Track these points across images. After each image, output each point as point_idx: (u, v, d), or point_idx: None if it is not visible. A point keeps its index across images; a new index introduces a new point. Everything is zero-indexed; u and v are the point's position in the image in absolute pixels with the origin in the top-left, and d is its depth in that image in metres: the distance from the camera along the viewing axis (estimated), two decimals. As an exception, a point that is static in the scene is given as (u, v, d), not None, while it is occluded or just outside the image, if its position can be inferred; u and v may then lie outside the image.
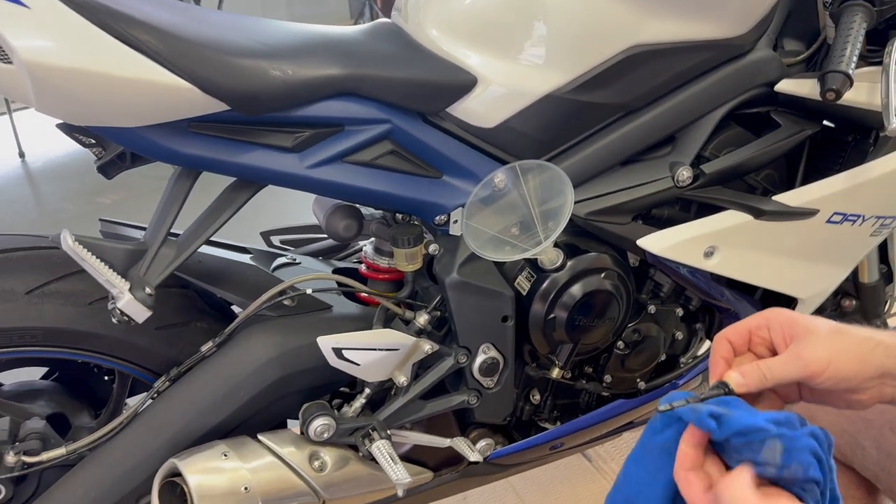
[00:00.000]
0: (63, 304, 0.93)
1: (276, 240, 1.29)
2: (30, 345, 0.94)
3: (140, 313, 0.85)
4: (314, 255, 1.28)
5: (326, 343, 0.95)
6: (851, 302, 1.46)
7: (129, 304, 0.84)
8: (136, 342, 0.98)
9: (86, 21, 0.75)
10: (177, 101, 0.80)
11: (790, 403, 0.72)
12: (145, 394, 1.03)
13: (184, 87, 0.79)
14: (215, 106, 0.83)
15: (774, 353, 0.70)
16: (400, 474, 0.97)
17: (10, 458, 0.93)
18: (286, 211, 1.90)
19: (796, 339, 0.68)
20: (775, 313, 0.71)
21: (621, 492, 0.69)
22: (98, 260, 0.85)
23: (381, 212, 1.12)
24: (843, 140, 1.16)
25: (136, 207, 3.01)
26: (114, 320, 0.87)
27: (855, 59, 0.98)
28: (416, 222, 1.07)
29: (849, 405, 0.70)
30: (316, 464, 1.00)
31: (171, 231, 0.93)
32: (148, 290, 0.86)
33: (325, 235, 1.31)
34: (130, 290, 0.85)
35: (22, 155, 3.64)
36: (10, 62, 0.73)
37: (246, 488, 0.93)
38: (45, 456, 0.95)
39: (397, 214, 1.08)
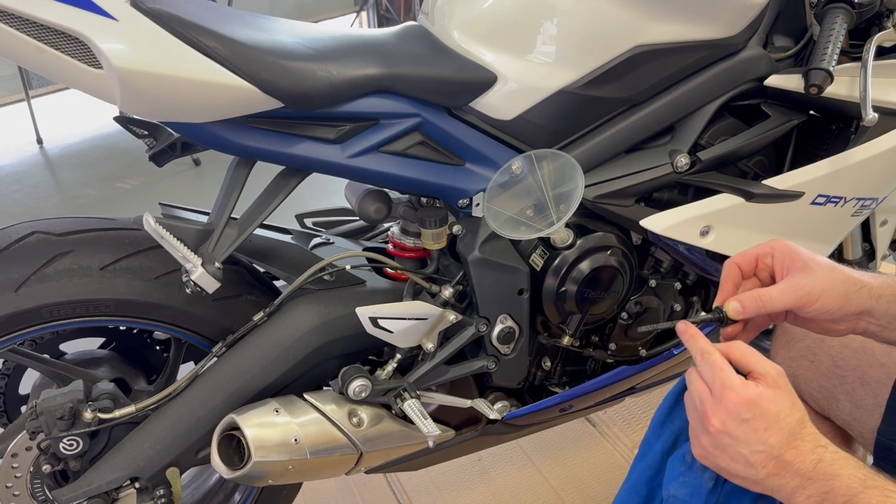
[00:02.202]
0: (133, 279, 1.04)
1: (308, 222, 1.40)
2: (103, 315, 1.05)
3: (211, 284, 0.97)
4: (344, 235, 1.39)
5: (364, 313, 1.07)
6: (836, 277, 1.57)
7: (202, 276, 0.96)
8: (195, 312, 1.09)
9: (164, 31, 0.86)
10: (240, 99, 0.91)
11: (776, 322, 0.83)
12: (199, 360, 1.14)
13: (246, 88, 0.90)
14: (271, 104, 0.94)
15: (775, 278, 0.80)
16: (430, 427, 1.09)
17: (88, 415, 1.04)
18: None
19: (794, 272, 0.78)
20: (780, 244, 0.81)
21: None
22: (175, 238, 0.96)
23: (408, 196, 1.23)
24: (826, 129, 1.26)
25: (154, 192, 3.11)
26: (187, 291, 0.98)
27: (836, 57, 1.08)
28: (440, 205, 1.18)
29: (826, 332, 0.80)
30: (354, 420, 1.12)
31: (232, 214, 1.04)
32: (217, 264, 0.98)
33: (353, 218, 1.43)
34: (202, 264, 0.97)
35: (40, 141, 3.71)
36: (101, 67, 0.84)
37: (296, 440, 1.05)
38: (117, 413, 1.06)
39: (423, 198, 1.19)
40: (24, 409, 1.26)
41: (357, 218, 1.34)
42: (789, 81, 1.16)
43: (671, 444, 0.85)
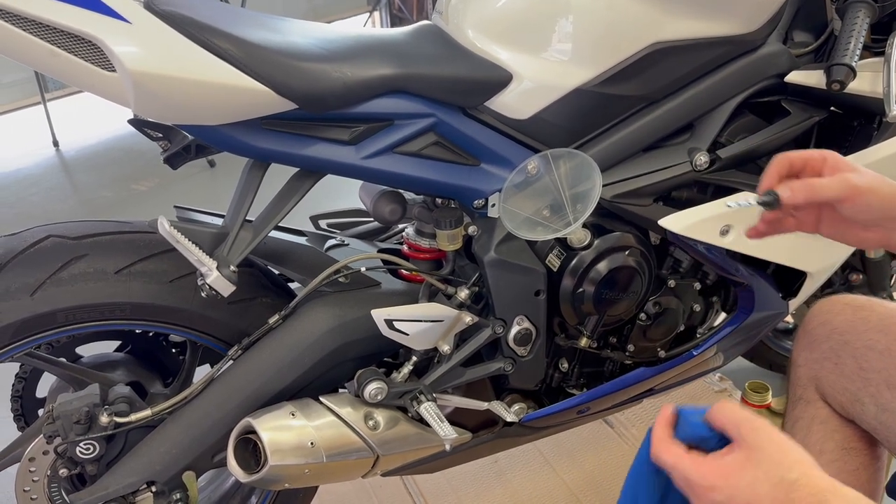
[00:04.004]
0: (148, 282, 1.04)
1: (323, 223, 1.40)
2: (118, 318, 1.05)
3: (226, 288, 0.97)
4: (358, 237, 1.38)
5: (380, 315, 1.06)
6: (859, 276, 1.55)
7: (217, 280, 0.95)
8: (211, 315, 1.08)
9: (178, 33, 0.85)
10: (254, 101, 0.91)
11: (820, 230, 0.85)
12: (215, 363, 1.14)
13: (260, 90, 0.89)
14: (285, 105, 0.93)
15: None
16: (447, 430, 1.09)
17: (104, 419, 1.04)
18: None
19: (844, 171, 0.80)
20: (831, 153, 0.83)
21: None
22: (189, 242, 0.96)
23: (422, 197, 1.22)
24: (849, 125, 1.24)
25: (169, 193, 3.13)
26: (203, 294, 0.98)
27: (858, 52, 1.06)
28: (455, 206, 1.17)
29: (858, 242, 0.83)
30: (371, 423, 1.11)
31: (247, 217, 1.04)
32: (232, 267, 0.98)
33: (368, 219, 1.42)
34: (217, 267, 0.96)
35: (56, 144, 3.75)
36: (114, 70, 0.83)
37: (312, 443, 1.04)
38: (133, 417, 1.06)
39: (438, 199, 1.18)
40: (40, 412, 1.26)
41: (372, 219, 1.33)
42: (810, 77, 1.14)
43: None
